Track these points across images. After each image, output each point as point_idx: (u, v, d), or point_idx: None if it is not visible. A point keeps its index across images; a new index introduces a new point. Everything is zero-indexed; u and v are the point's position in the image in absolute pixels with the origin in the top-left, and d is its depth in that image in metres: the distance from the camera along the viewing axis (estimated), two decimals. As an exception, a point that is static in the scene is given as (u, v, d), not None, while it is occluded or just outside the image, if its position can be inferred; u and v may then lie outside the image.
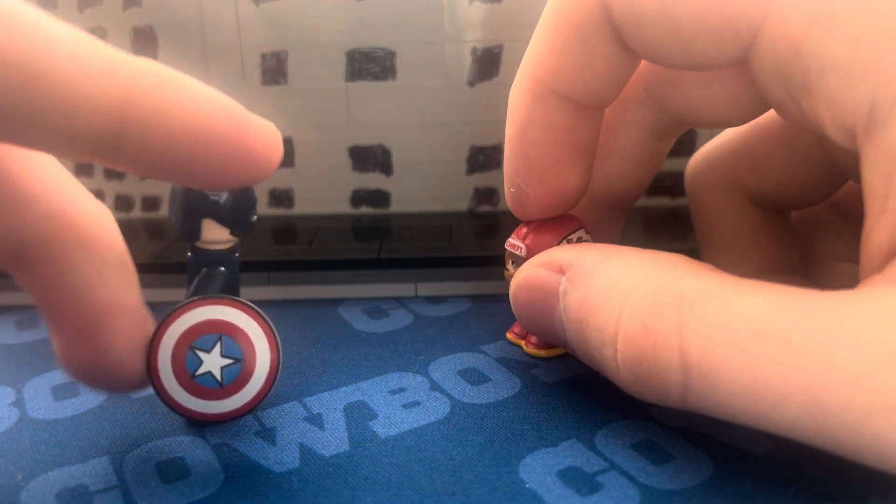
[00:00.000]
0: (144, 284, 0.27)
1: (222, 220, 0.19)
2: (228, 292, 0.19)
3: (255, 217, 0.20)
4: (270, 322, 0.19)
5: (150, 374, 0.18)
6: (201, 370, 0.18)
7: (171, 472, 0.18)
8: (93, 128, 0.14)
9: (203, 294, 0.19)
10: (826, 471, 0.18)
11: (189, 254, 0.20)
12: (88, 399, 0.21)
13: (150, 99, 0.15)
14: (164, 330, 0.18)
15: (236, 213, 0.19)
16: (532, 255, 0.21)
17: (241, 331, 0.19)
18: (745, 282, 0.15)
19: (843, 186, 0.22)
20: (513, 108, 0.20)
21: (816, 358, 0.14)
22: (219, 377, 0.19)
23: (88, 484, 0.18)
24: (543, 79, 0.19)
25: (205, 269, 0.20)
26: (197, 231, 0.19)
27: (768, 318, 0.14)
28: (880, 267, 0.15)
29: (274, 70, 0.31)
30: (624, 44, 0.18)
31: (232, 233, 0.19)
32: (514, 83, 0.20)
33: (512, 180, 0.21)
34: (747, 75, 0.17)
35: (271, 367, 0.19)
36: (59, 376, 0.23)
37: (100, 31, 0.31)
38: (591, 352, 0.18)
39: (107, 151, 0.15)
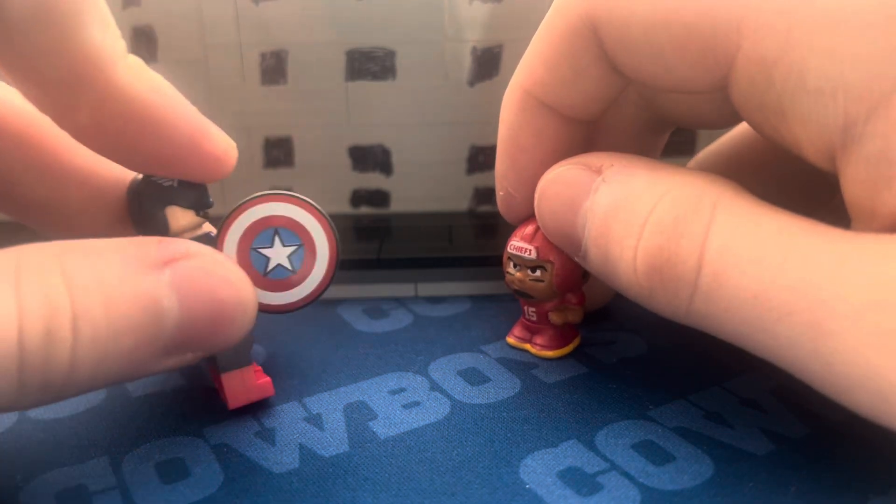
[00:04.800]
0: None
1: (183, 203, 0.19)
2: None
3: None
4: (311, 201, 0.20)
5: None
6: (271, 265, 0.19)
7: (171, 472, 0.18)
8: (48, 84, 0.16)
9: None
10: (826, 471, 0.18)
11: None
12: (88, 399, 0.21)
13: (106, 76, 0.16)
14: (222, 242, 0.19)
15: (193, 191, 0.19)
16: (543, 257, 0.21)
17: (289, 218, 0.19)
18: (777, 208, 0.16)
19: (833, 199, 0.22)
20: (504, 114, 0.21)
21: (826, 283, 0.14)
22: (289, 265, 0.19)
23: (88, 484, 0.18)
24: (532, 90, 0.20)
25: None
26: (164, 221, 0.19)
27: (790, 237, 0.15)
28: None
29: (274, 70, 0.31)
30: (612, 66, 0.18)
31: (197, 214, 0.20)
32: (507, 89, 0.20)
33: (501, 184, 0.22)
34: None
35: (330, 244, 0.20)
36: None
37: (99, 31, 0.31)
38: (609, 247, 0.18)
39: (56, 111, 0.17)
